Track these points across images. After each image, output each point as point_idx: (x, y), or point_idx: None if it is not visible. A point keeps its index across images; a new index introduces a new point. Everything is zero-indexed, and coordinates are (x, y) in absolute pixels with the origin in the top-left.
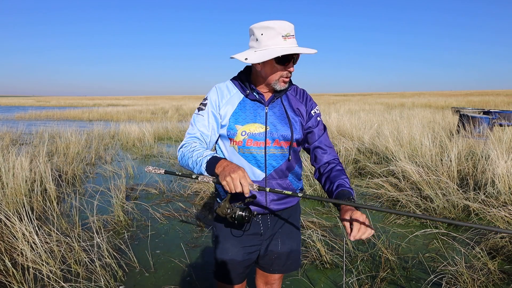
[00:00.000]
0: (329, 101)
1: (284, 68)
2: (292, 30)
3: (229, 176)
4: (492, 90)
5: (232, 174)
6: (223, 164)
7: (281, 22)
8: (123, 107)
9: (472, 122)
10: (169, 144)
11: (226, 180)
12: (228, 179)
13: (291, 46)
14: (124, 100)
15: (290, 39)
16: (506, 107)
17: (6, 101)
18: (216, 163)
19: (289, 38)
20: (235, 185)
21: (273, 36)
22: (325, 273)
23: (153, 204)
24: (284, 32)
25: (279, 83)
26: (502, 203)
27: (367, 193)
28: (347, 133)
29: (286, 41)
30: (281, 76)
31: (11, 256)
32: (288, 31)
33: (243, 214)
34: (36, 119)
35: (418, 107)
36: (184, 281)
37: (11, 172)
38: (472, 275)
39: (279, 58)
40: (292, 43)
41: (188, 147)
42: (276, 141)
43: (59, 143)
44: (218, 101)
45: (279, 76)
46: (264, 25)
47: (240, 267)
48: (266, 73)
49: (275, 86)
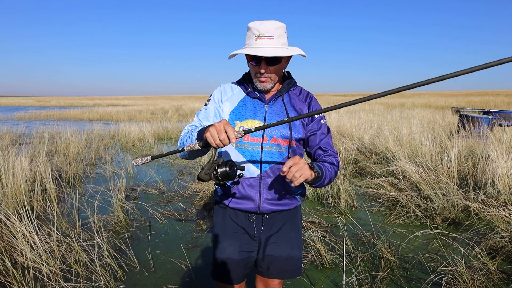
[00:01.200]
0: (329, 101)
1: (256, 66)
2: (268, 31)
3: (212, 126)
4: (492, 90)
5: (215, 124)
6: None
7: (261, 23)
8: (123, 107)
9: (472, 122)
10: (169, 144)
11: (209, 131)
12: (211, 129)
13: (259, 47)
14: (124, 100)
15: (263, 40)
16: (506, 107)
17: (6, 101)
18: (205, 129)
19: (261, 39)
20: (218, 131)
21: (249, 36)
22: (325, 273)
23: (153, 204)
24: (257, 33)
25: (257, 82)
26: (502, 203)
27: (367, 193)
28: (347, 133)
29: (257, 42)
30: (256, 75)
31: (11, 256)
32: (261, 32)
33: (226, 169)
34: (36, 119)
35: (418, 107)
36: (184, 281)
37: (11, 172)
38: (472, 275)
39: (251, 57)
40: (264, 44)
41: (185, 131)
42: (274, 138)
43: (59, 143)
44: (220, 97)
45: (254, 75)
46: (249, 25)
47: (237, 267)
48: (250, 72)
49: (256, 84)
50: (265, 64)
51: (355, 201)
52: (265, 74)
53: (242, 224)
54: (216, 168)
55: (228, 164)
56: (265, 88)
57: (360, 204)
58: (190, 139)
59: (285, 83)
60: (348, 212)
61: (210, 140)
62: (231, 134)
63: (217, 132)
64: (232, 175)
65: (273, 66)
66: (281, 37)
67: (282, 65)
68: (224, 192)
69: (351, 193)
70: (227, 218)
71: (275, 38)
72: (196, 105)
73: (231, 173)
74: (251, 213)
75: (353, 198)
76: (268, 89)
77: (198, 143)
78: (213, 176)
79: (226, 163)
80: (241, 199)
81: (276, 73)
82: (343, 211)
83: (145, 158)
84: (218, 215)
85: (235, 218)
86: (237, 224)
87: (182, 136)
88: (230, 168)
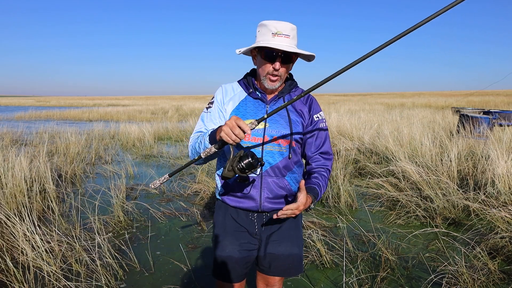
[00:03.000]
0: (329, 101)
1: (270, 64)
2: (285, 30)
3: (225, 125)
4: (492, 90)
5: (226, 122)
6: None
7: (277, 22)
8: (123, 107)
9: (472, 122)
10: (169, 144)
11: (222, 130)
12: (224, 128)
13: (277, 43)
14: (124, 100)
15: (280, 37)
16: (506, 107)
17: (6, 101)
18: (216, 131)
19: (279, 36)
20: (231, 127)
21: (265, 33)
22: (325, 273)
23: (153, 204)
24: (274, 30)
25: (266, 80)
26: (502, 203)
27: (367, 193)
28: (347, 133)
29: (274, 38)
30: (268, 72)
31: (12, 256)
32: (279, 30)
33: (250, 160)
34: (36, 119)
35: (418, 107)
36: (184, 281)
37: (11, 172)
38: (472, 275)
39: (265, 53)
40: (281, 41)
41: (194, 139)
42: (274, 138)
43: (59, 143)
44: (222, 98)
45: (266, 72)
46: (263, 23)
47: (238, 265)
48: (258, 69)
49: (264, 83)
50: (280, 62)
51: (355, 201)
52: (278, 71)
53: (243, 223)
54: (239, 160)
55: (250, 155)
56: (273, 87)
57: (360, 204)
58: (202, 144)
59: (287, 84)
60: (348, 212)
61: (226, 138)
62: (244, 127)
63: (231, 129)
64: (256, 164)
65: (286, 64)
66: (294, 39)
67: (291, 66)
68: (225, 191)
69: (351, 193)
70: (228, 217)
71: (290, 38)
72: (196, 105)
73: (255, 162)
74: (252, 212)
75: (353, 198)
76: (276, 88)
77: (214, 146)
78: (237, 170)
79: (247, 154)
80: (242, 198)
81: (286, 72)
82: (343, 211)
83: (162, 178)
84: (219, 214)
85: (236, 216)
86: (238, 223)
87: (192, 143)
88: (253, 158)
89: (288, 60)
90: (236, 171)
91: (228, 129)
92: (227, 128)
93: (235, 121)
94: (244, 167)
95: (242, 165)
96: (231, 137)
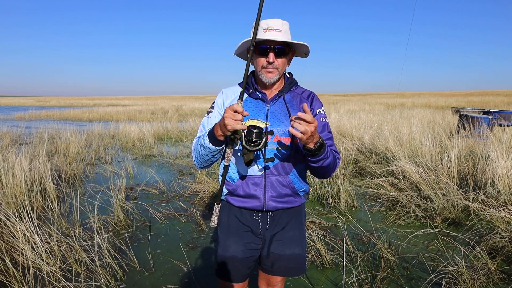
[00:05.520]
0: (329, 101)
1: (264, 58)
2: (276, 25)
3: (223, 119)
4: (492, 90)
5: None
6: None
7: (268, 19)
8: (123, 107)
9: (472, 122)
10: (169, 144)
11: (220, 125)
12: (220, 123)
13: (268, 37)
14: (124, 100)
15: (271, 31)
16: (506, 107)
17: (6, 101)
18: (213, 129)
19: (270, 31)
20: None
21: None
22: (325, 273)
23: (153, 204)
24: (265, 26)
25: (263, 74)
26: (502, 203)
27: (367, 193)
28: (347, 133)
29: (266, 34)
30: (263, 66)
31: (11, 256)
32: (270, 25)
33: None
34: (36, 119)
35: (418, 107)
36: (184, 281)
37: (11, 172)
38: (472, 275)
39: (259, 49)
40: (272, 35)
41: (195, 143)
42: (276, 136)
43: (59, 143)
44: (223, 102)
45: (261, 67)
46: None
47: (241, 265)
48: (254, 66)
49: (262, 78)
50: (273, 55)
51: (355, 201)
52: (273, 64)
53: (247, 222)
54: (246, 139)
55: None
56: (271, 80)
57: (360, 204)
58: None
59: (287, 83)
60: (348, 212)
61: (228, 127)
62: (237, 108)
63: (229, 117)
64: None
65: (281, 58)
66: (287, 33)
67: (287, 60)
68: (229, 191)
69: (351, 193)
70: (231, 216)
71: (282, 32)
72: (196, 105)
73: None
74: (257, 211)
75: (353, 198)
76: (274, 81)
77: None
78: (251, 147)
79: (248, 128)
80: (246, 198)
81: (283, 66)
82: (343, 211)
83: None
84: (223, 213)
85: (240, 216)
86: (241, 223)
87: (194, 147)
88: (256, 128)
89: (281, 53)
90: (251, 149)
91: (227, 117)
92: (228, 119)
93: (228, 109)
94: (256, 139)
95: (252, 139)
96: (232, 124)
